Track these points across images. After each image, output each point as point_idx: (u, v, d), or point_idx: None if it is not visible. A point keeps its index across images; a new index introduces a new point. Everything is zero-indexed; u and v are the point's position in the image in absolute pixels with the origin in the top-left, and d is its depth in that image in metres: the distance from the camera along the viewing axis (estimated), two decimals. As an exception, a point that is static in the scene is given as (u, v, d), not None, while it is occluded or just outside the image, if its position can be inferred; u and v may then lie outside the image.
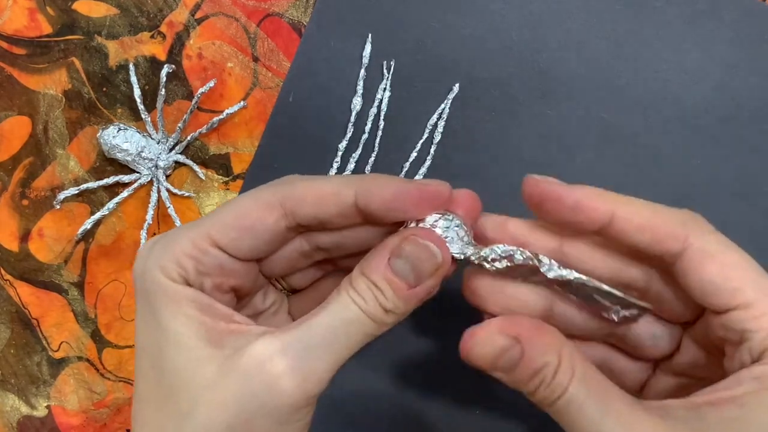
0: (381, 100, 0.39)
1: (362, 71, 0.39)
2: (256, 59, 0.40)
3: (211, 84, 0.39)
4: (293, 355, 0.24)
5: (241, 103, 0.39)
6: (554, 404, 0.23)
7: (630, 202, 0.25)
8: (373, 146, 0.39)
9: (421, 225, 0.26)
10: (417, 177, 0.38)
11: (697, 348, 0.27)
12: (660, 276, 0.27)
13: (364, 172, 0.38)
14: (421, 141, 0.38)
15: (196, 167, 0.39)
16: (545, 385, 0.23)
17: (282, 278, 0.31)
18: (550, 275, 0.26)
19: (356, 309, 0.25)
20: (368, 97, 0.39)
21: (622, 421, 0.22)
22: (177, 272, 0.25)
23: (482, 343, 0.24)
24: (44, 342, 0.40)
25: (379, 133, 0.39)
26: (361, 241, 0.28)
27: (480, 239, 0.28)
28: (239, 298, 0.29)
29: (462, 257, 0.26)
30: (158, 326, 0.25)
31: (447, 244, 0.26)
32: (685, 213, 0.25)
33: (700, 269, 0.24)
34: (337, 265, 0.31)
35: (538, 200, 0.26)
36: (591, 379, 0.23)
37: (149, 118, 0.39)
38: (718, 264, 0.24)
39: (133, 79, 0.39)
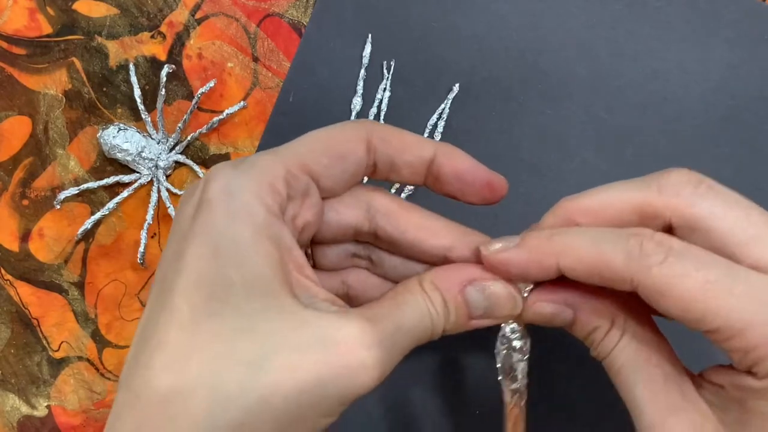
0: (381, 100, 0.39)
1: (362, 71, 0.39)
2: (256, 59, 0.40)
3: (211, 84, 0.39)
4: (384, 350, 0.23)
5: (241, 103, 0.39)
6: (603, 361, 0.26)
7: (571, 245, 0.24)
8: (373, 146, 0.39)
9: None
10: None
11: None
12: None
13: (364, 172, 0.38)
14: (421, 141, 0.38)
15: (196, 167, 0.39)
16: (595, 345, 0.26)
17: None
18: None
19: (429, 320, 0.25)
20: (368, 97, 0.39)
21: (650, 391, 0.24)
22: (273, 198, 0.24)
23: (533, 308, 0.26)
24: (44, 342, 0.40)
25: (379, 133, 0.39)
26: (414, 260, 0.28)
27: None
28: None
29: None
30: (236, 257, 0.22)
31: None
32: (630, 239, 0.23)
33: (658, 305, 0.23)
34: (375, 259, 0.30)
35: (494, 269, 0.26)
36: (637, 349, 0.25)
37: (149, 118, 0.39)
38: (672, 300, 0.22)
39: (133, 79, 0.39)
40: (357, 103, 0.39)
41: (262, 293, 0.22)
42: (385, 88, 0.39)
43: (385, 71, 0.39)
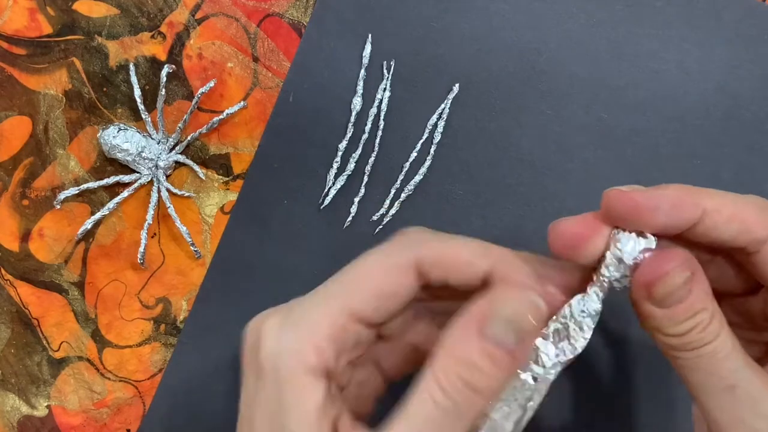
0: (381, 100, 0.39)
1: (362, 71, 0.39)
2: (256, 59, 0.40)
3: (211, 84, 0.39)
4: None
5: (241, 103, 0.39)
6: (699, 349, 0.23)
7: (712, 195, 0.24)
8: (373, 146, 0.39)
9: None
10: (417, 177, 0.38)
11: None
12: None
13: (364, 173, 0.38)
14: (421, 141, 0.38)
15: (196, 167, 0.39)
16: (700, 328, 0.23)
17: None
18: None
19: (436, 408, 0.23)
20: (368, 97, 0.39)
21: (760, 375, 0.23)
22: (317, 360, 0.24)
23: (670, 275, 0.23)
24: (44, 342, 0.40)
25: (379, 133, 0.39)
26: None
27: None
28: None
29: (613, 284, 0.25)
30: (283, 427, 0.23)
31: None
32: (757, 199, 0.25)
33: None
34: (431, 308, 0.29)
35: (627, 211, 0.24)
36: (733, 336, 0.24)
37: (149, 118, 0.39)
38: None
39: (134, 79, 0.39)
40: (357, 103, 0.39)
41: None
42: (385, 88, 0.39)
43: (385, 71, 0.39)
